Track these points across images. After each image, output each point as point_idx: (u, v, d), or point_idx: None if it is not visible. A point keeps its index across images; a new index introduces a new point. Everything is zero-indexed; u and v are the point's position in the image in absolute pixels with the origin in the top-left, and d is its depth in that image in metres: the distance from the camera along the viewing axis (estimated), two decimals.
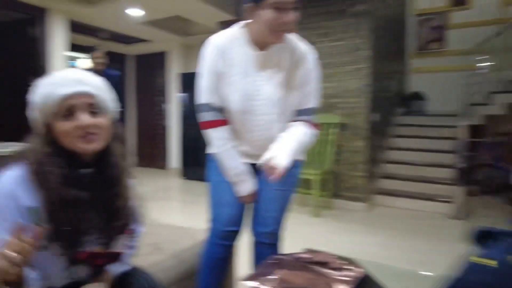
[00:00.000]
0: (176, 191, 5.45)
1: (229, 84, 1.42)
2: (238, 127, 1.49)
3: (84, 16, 5.11)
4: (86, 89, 0.91)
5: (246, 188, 1.51)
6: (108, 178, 0.96)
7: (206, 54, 1.44)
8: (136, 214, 1.07)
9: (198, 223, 3.38)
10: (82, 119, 0.88)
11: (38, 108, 0.90)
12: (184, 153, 6.22)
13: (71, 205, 0.87)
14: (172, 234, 1.80)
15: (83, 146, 0.90)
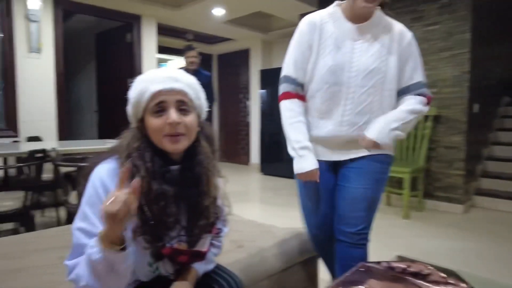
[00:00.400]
0: (255, 187, 5.53)
1: (322, 57, 1.43)
2: (326, 103, 1.45)
3: (171, 19, 5.42)
4: (178, 86, 0.92)
5: (308, 164, 1.46)
6: (195, 176, 0.95)
7: (300, 29, 1.48)
8: (222, 214, 1.06)
9: (275, 220, 3.44)
10: (172, 116, 0.89)
11: (133, 104, 0.93)
12: (263, 149, 6.28)
13: (158, 199, 0.88)
14: (253, 231, 1.79)
15: (169, 146, 0.91)
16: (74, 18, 5.78)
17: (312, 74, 1.46)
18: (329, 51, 1.43)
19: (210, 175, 0.98)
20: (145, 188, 0.85)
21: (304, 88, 1.51)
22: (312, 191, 1.58)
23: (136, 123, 0.95)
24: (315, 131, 1.51)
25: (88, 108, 6.27)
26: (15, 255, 1.41)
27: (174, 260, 0.94)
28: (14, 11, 4.02)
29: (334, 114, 1.44)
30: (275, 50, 6.80)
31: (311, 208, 1.61)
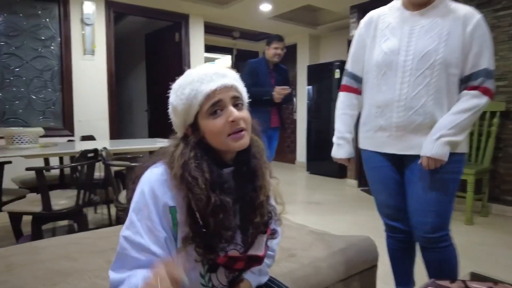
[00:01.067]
0: (301, 187, 5.38)
1: (378, 45, 1.47)
2: (382, 90, 1.45)
3: (218, 17, 5.42)
4: (229, 81, 0.86)
5: (340, 153, 1.64)
6: (250, 170, 0.90)
7: (359, 25, 1.57)
8: (276, 213, 0.99)
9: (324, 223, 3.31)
10: (234, 113, 0.84)
11: (182, 110, 0.86)
12: (309, 147, 6.12)
13: (216, 212, 0.82)
14: (305, 239, 1.67)
15: (234, 144, 0.85)
16: (124, 20, 5.97)
17: (368, 63, 1.52)
18: (385, 39, 1.45)
19: (264, 169, 0.93)
20: (204, 200, 0.80)
21: (362, 80, 1.58)
22: (379, 183, 1.61)
23: (185, 130, 0.89)
24: (373, 120, 1.51)
25: (138, 108, 6.46)
26: (69, 255, 1.41)
27: (230, 267, 0.88)
28: (71, 15, 4.19)
29: (389, 100, 1.43)
30: (323, 45, 6.59)
31: (383, 201, 1.63)
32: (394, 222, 1.60)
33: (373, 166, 1.59)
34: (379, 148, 1.53)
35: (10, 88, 3.96)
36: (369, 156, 1.59)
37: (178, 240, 0.82)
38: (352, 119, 1.63)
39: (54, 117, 4.23)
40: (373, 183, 1.63)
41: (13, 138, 2.49)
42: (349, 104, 1.62)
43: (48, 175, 3.16)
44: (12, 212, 2.27)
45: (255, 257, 0.90)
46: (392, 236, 1.64)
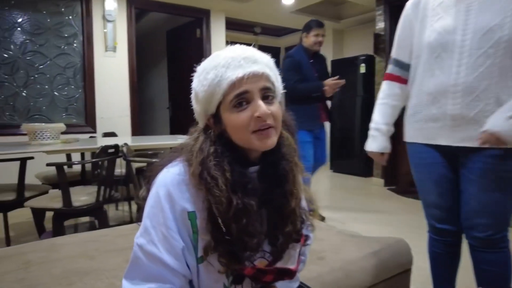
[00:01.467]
0: (325, 186, 5.24)
1: (429, 25, 1.33)
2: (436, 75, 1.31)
3: (239, 12, 5.34)
4: (259, 68, 0.74)
5: (374, 146, 1.51)
6: (279, 173, 0.79)
7: (405, 7, 1.44)
8: (308, 217, 0.87)
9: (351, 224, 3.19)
10: (261, 108, 0.72)
11: (203, 98, 0.76)
12: (333, 145, 5.96)
13: (239, 217, 0.71)
14: (334, 240, 1.57)
15: (259, 144, 0.74)
16: (146, 17, 5.98)
17: (418, 47, 1.38)
18: (437, 18, 1.30)
19: (296, 171, 0.81)
20: (225, 203, 0.70)
21: (410, 67, 1.43)
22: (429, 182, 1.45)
23: (207, 120, 0.78)
24: (424, 109, 1.36)
25: (160, 105, 6.47)
26: (86, 254, 1.38)
27: (258, 280, 0.78)
28: (93, 12, 4.20)
29: (444, 85, 1.28)
30: (346, 39, 6.42)
31: (433, 202, 1.46)
32: (443, 224, 1.45)
33: (423, 162, 1.44)
34: (430, 140, 1.38)
35: (34, 85, 4.00)
36: (418, 151, 1.44)
37: (199, 249, 0.74)
38: (392, 110, 1.50)
39: (77, 114, 4.25)
40: (421, 182, 1.48)
41: (35, 134, 2.49)
42: (390, 94, 1.49)
43: (70, 171, 3.16)
44: (34, 208, 2.26)
45: (286, 270, 0.80)
46: (438, 239, 1.49)
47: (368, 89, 5.32)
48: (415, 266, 1.58)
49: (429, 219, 1.50)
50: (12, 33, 3.87)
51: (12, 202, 2.31)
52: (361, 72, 5.37)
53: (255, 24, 6.26)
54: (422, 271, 1.65)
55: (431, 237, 1.52)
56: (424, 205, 1.50)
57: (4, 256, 1.35)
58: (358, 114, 5.49)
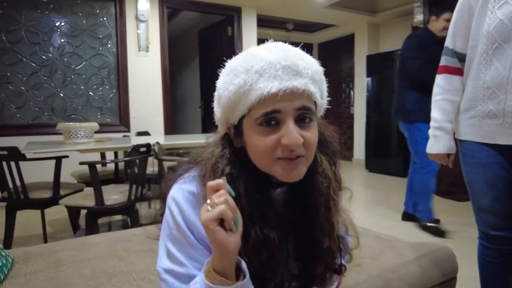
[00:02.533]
0: (360, 186, 5.06)
1: (490, 13, 1.19)
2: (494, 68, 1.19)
3: (270, 9, 5.27)
4: (303, 84, 0.60)
5: (438, 147, 1.38)
6: (307, 205, 0.68)
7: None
8: (346, 246, 0.77)
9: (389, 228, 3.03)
10: (292, 135, 0.58)
11: (226, 104, 0.64)
12: (368, 143, 5.76)
13: (258, 249, 0.63)
14: (371, 245, 1.47)
15: (283, 175, 0.62)
16: (178, 16, 6.03)
17: (475, 36, 1.25)
18: (501, 4, 1.16)
19: (331, 204, 0.68)
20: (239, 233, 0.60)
21: (466, 58, 1.31)
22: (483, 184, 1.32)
23: (227, 129, 0.69)
24: (480, 105, 1.24)
25: (192, 104, 6.53)
26: (116, 254, 1.37)
27: None
28: (126, 13, 4.27)
29: (503, 78, 1.17)
30: (383, 33, 6.18)
31: (487, 206, 1.33)
32: (499, 231, 1.31)
33: (477, 162, 1.31)
34: (486, 139, 1.25)
35: (70, 86, 4.14)
36: (473, 150, 1.32)
37: None
38: (454, 106, 1.37)
39: (111, 113, 4.35)
40: (475, 184, 1.35)
41: (70, 133, 2.54)
42: (450, 89, 1.35)
43: (104, 170, 3.22)
44: (69, 206, 2.30)
45: None
46: (491, 247, 1.36)
47: None
48: (461, 275, 1.47)
49: (480, 225, 1.37)
50: (51, 36, 4.02)
51: (48, 200, 2.37)
52: (398, 68, 5.14)
53: (286, 20, 6.16)
54: (469, 281, 1.53)
55: (483, 245, 1.39)
56: (476, 210, 1.37)
57: (38, 254, 1.36)
58: None
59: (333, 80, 7.03)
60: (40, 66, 3.98)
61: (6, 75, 3.84)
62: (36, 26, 3.94)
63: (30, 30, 3.91)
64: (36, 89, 3.98)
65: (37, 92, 3.98)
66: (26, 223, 3.08)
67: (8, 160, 2.23)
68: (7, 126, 3.85)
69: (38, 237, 2.76)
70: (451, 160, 1.41)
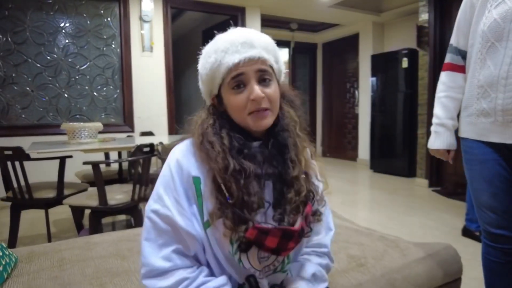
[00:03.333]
0: (365, 186, 5.04)
1: (487, 11, 1.21)
2: (488, 66, 1.20)
3: (274, 8, 5.26)
4: (256, 53, 0.78)
5: (438, 143, 1.40)
6: (280, 142, 0.84)
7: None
8: (318, 192, 0.88)
9: (393, 228, 3.02)
10: (255, 91, 0.77)
11: (205, 80, 0.83)
12: (373, 143, 5.74)
13: (236, 177, 0.77)
14: (375, 245, 1.46)
15: (254, 124, 0.80)
16: (182, 17, 6.04)
17: (473, 34, 1.26)
18: (497, 3, 1.18)
19: (297, 141, 0.85)
20: (221, 164, 0.76)
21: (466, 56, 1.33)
22: (481, 181, 1.33)
23: (211, 100, 0.86)
24: (475, 103, 1.26)
25: (197, 104, 6.53)
26: (119, 253, 1.37)
27: (262, 246, 0.77)
28: (130, 13, 4.29)
29: (494, 77, 1.18)
30: (388, 32, 6.15)
31: (486, 203, 1.32)
32: (499, 229, 1.30)
33: (474, 158, 1.32)
34: (482, 137, 1.27)
35: (75, 86, 4.15)
36: (470, 147, 1.33)
37: (204, 213, 0.79)
38: (456, 104, 1.37)
39: (115, 114, 4.36)
40: (473, 181, 1.36)
41: (74, 133, 2.55)
42: (452, 86, 1.37)
43: (108, 170, 3.23)
44: (73, 206, 2.31)
45: (288, 231, 0.77)
46: (495, 246, 1.34)
47: (410, 84, 5.06)
48: (465, 276, 1.46)
49: (482, 223, 1.36)
50: (56, 36, 4.04)
51: (52, 200, 2.37)
52: (403, 67, 5.11)
53: (291, 20, 6.14)
54: (473, 281, 1.51)
55: (486, 244, 1.37)
56: (477, 207, 1.37)
57: (42, 253, 1.37)
58: (400, 111, 5.24)
59: (338, 79, 7.01)
60: (45, 66, 4.00)
61: (12, 75, 3.87)
62: (41, 27, 3.96)
63: (35, 31, 3.94)
64: (41, 90, 4.00)
65: (42, 92, 4.01)
66: (30, 222, 3.09)
67: (12, 160, 2.24)
68: (12, 127, 3.87)
69: (42, 236, 2.77)
70: (451, 156, 1.43)
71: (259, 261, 0.80)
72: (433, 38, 4.34)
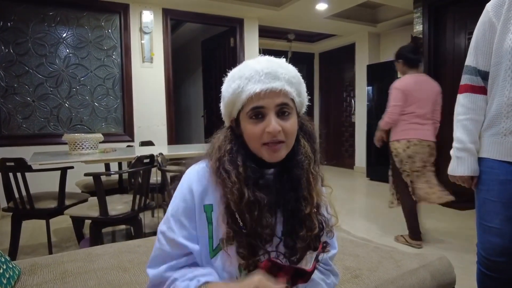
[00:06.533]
0: (361, 194, 5.07)
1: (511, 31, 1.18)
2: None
3: (272, 19, 5.33)
4: (278, 85, 0.78)
5: (461, 169, 1.33)
6: (293, 178, 0.83)
7: (486, 8, 1.28)
8: (328, 224, 0.89)
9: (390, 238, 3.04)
10: (272, 124, 0.77)
11: (226, 103, 0.84)
12: (370, 151, 5.78)
13: (251, 208, 0.78)
14: (370, 257, 1.49)
15: (268, 156, 0.80)
16: (182, 28, 6.11)
17: (497, 53, 1.23)
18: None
19: (311, 178, 0.84)
20: (236, 195, 0.77)
21: (489, 76, 1.29)
22: (498, 203, 1.26)
23: (230, 122, 0.87)
24: (503, 122, 1.24)
25: (196, 113, 6.58)
26: (121, 265, 1.39)
27: (272, 275, 0.78)
28: (131, 25, 4.35)
29: None
30: (383, 42, 6.23)
31: (496, 228, 1.26)
32: (503, 257, 1.24)
33: (494, 179, 1.25)
34: (509, 157, 1.21)
35: (76, 96, 4.20)
36: (491, 167, 1.27)
37: (214, 240, 0.80)
38: (478, 126, 1.31)
39: (115, 123, 4.41)
40: (486, 203, 1.28)
41: (75, 144, 2.59)
42: (474, 108, 1.31)
43: (108, 179, 3.26)
44: (73, 216, 2.34)
45: (302, 271, 0.80)
46: (493, 276, 1.29)
47: None
48: (459, 286, 1.48)
49: (482, 249, 1.32)
50: (57, 47, 4.10)
51: (53, 210, 2.41)
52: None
53: (288, 31, 6.22)
54: None
55: (483, 272, 1.33)
56: (481, 231, 1.32)
57: (44, 265, 1.39)
58: None
59: (335, 89, 7.08)
60: (47, 77, 4.05)
61: (13, 86, 3.91)
62: (43, 38, 4.02)
63: (37, 42, 3.99)
64: (42, 100, 4.05)
65: (43, 102, 4.05)
66: (31, 231, 3.12)
67: (15, 171, 2.28)
68: (13, 136, 3.91)
69: (43, 245, 2.80)
70: (474, 182, 1.34)
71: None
72: (428, 49, 4.41)
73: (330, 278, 0.96)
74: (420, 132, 2.68)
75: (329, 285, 0.94)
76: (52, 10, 4.04)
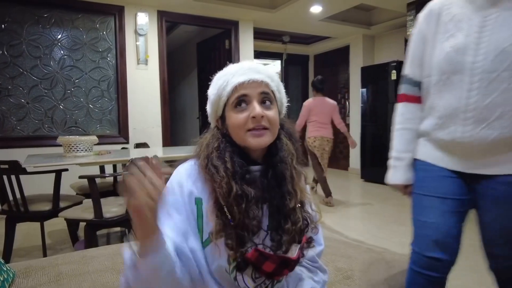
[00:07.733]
0: (356, 195, 5.11)
1: (439, 43, 1.20)
2: (445, 98, 1.20)
3: (267, 22, 5.36)
4: (260, 77, 0.86)
5: (396, 177, 1.36)
6: (277, 174, 0.87)
7: (418, 21, 1.32)
8: (312, 220, 0.92)
9: (383, 238, 3.08)
10: (256, 109, 0.83)
11: (213, 100, 0.89)
12: (364, 152, 5.82)
13: (238, 201, 0.81)
14: (362, 258, 1.51)
15: (252, 141, 0.84)
16: (177, 30, 6.12)
17: (428, 66, 1.25)
18: (448, 36, 1.19)
19: (294, 174, 0.89)
20: (225, 188, 0.80)
21: (422, 86, 1.31)
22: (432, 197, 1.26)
23: (216, 122, 0.92)
24: (435, 133, 1.25)
25: (191, 115, 6.59)
26: (115, 267, 1.40)
27: (259, 268, 0.82)
28: (126, 27, 4.35)
29: (455, 110, 1.17)
30: (378, 45, 6.29)
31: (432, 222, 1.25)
32: (436, 253, 1.22)
33: (429, 175, 1.28)
34: (440, 162, 1.26)
35: (71, 98, 4.19)
36: (426, 164, 1.29)
37: (204, 232, 0.82)
38: (414, 135, 1.34)
39: (110, 125, 4.40)
40: (424, 199, 1.28)
41: (70, 146, 2.59)
42: (411, 117, 1.34)
43: (103, 181, 3.26)
44: (68, 218, 2.34)
45: (287, 260, 0.83)
46: (423, 273, 1.25)
47: None
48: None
49: (417, 246, 1.28)
50: (52, 49, 4.09)
51: (48, 213, 2.40)
52: (393, 79, 5.23)
53: (283, 33, 6.25)
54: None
55: (413, 270, 1.29)
56: (417, 228, 1.30)
57: (39, 267, 1.39)
58: (389, 121, 5.33)
59: (329, 91, 7.10)
60: (41, 79, 4.04)
61: (7, 88, 3.90)
62: (37, 40, 4.01)
63: (31, 44, 3.98)
64: (37, 102, 4.04)
65: (37, 104, 4.04)
66: (25, 234, 3.11)
67: (9, 173, 2.27)
68: (7, 138, 3.89)
69: (37, 248, 2.79)
70: (409, 190, 1.36)
71: (254, 280, 0.84)
72: None
73: (318, 275, 0.99)
74: (321, 132, 4.35)
75: (318, 282, 0.97)
76: (47, 12, 4.04)
